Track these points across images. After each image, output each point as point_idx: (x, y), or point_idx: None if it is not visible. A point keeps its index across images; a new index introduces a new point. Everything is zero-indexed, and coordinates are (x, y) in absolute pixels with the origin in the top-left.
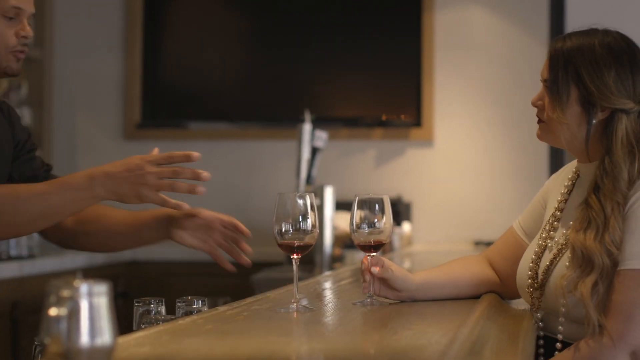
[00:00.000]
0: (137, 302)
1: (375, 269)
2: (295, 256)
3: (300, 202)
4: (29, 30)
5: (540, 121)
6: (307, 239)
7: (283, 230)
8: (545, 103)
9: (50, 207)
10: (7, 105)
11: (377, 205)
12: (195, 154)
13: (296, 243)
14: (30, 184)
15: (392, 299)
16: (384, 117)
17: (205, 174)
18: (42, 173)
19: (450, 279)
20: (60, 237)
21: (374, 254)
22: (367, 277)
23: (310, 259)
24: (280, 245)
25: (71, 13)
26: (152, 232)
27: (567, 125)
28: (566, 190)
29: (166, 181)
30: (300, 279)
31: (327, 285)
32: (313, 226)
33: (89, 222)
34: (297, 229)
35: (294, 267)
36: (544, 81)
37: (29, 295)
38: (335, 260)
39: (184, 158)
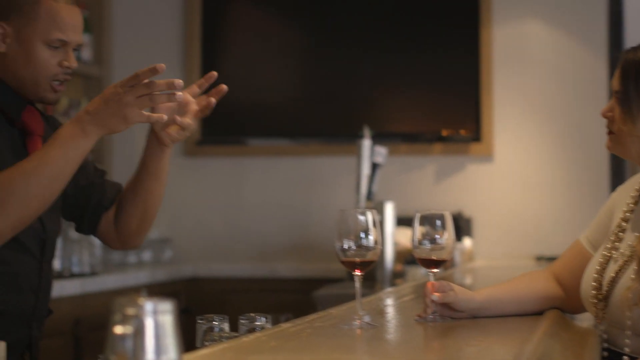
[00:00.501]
0: (200, 319)
1: (436, 295)
2: (357, 273)
3: (362, 218)
4: (73, 61)
5: (610, 132)
6: (370, 256)
7: (345, 247)
8: (616, 114)
9: (56, 163)
10: (54, 119)
11: (438, 221)
12: (160, 65)
13: (358, 260)
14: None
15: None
16: (444, 133)
17: (177, 81)
18: (97, 179)
19: (513, 296)
20: (118, 227)
21: (436, 270)
22: (428, 308)
23: (372, 275)
24: (342, 262)
25: (130, 31)
26: (150, 150)
27: (637, 138)
28: (633, 200)
29: (144, 97)
30: (361, 295)
31: (389, 301)
32: (375, 243)
33: (123, 193)
34: (359, 246)
35: (356, 284)
36: (615, 92)
37: (91, 312)
38: (397, 276)
39: (150, 73)
